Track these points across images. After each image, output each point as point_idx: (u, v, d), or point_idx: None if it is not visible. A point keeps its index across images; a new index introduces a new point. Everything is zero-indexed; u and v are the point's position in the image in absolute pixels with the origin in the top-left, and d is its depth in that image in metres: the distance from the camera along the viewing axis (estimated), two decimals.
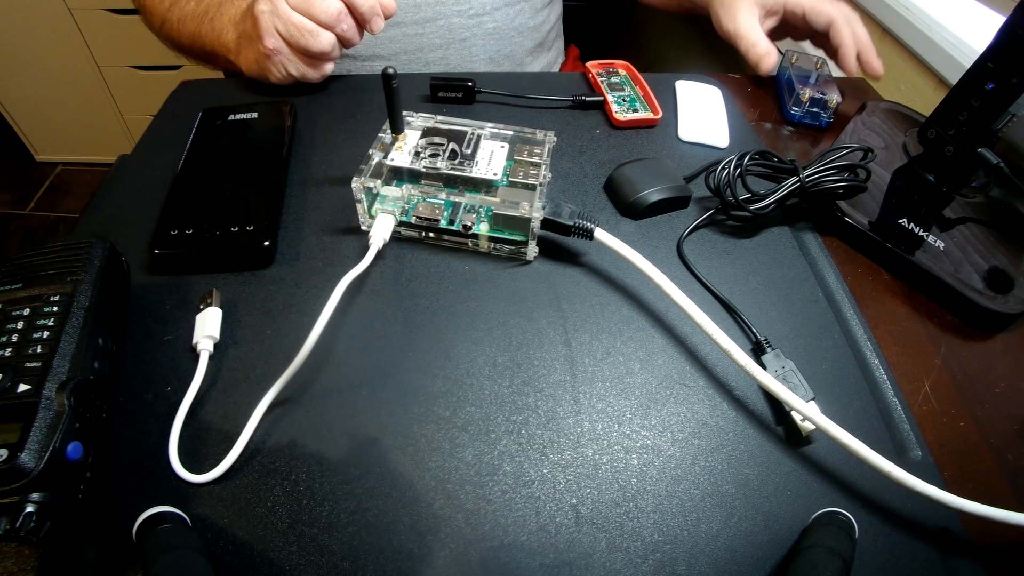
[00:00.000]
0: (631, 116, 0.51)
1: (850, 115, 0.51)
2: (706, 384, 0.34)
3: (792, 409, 0.31)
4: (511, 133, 0.42)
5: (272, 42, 0.46)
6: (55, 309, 0.29)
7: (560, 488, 0.29)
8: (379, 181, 0.38)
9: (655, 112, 0.51)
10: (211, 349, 0.33)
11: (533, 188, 0.39)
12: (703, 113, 0.53)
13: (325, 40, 0.46)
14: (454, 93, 0.52)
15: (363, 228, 0.40)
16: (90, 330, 0.29)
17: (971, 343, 0.37)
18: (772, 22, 0.58)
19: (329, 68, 0.50)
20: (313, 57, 0.48)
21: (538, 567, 0.27)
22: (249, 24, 0.48)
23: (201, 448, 0.29)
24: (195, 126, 0.45)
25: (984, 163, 0.40)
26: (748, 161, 0.41)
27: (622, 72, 0.56)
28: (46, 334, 0.28)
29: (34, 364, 0.26)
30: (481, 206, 0.38)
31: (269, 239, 0.37)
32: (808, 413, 0.30)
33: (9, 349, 0.27)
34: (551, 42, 0.72)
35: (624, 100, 0.53)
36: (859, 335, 0.36)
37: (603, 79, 0.55)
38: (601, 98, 0.53)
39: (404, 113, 0.41)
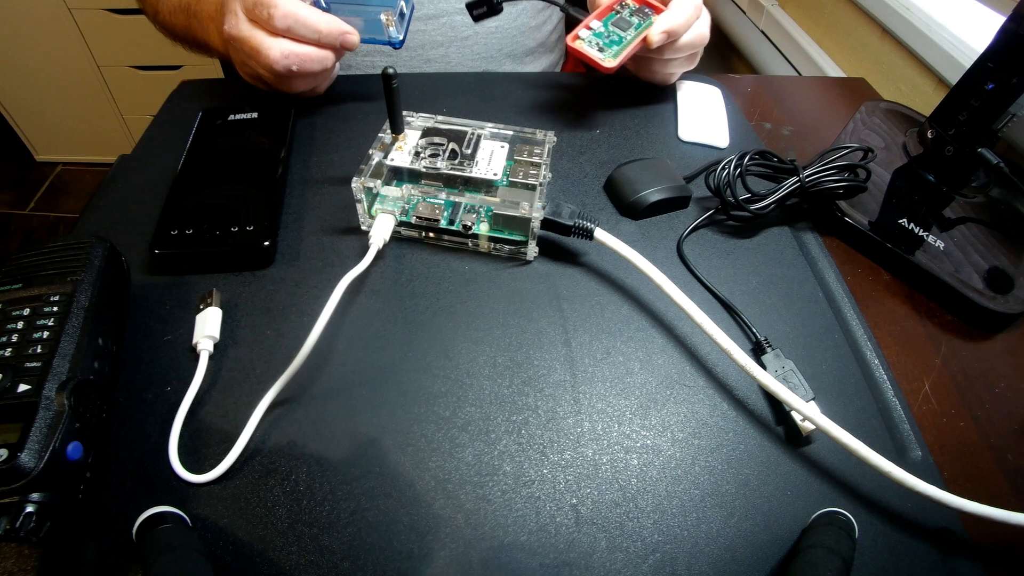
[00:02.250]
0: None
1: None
2: (706, 384, 0.34)
3: (792, 409, 0.31)
4: (511, 133, 0.42)
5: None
6: (55, 309, 0.29)
7: (560, 488, 0.29)
8: (379, 181, 0.38)
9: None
10: (211, 349, 0.33)
11: (533, 188, 0.39)
12: (703, 113, 0.53)
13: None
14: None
15: (363, 228, 0.40)
16: (90, 330, 0.29)
17: (971, 343, 0.37)
18: None
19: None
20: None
21: (538, 567, 0.27)
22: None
23: (201, 448, 0.29)
24: (195, 126, 0.45)
25: (984, 163, 0.40)
26: (748, 161, 0.41)
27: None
28: (46, 334, 0.28)
29: (34, 364, 0.26)
30: (481, 206, 0.38)
31: (269, 239, 0.37)
32: (808, 413, 0.30)
33: (9, 349, 0.27)
34: (553, 44, 0.72)
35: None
36: (859, 335, 0.36)
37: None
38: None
39: (404, 113, 0.41)
